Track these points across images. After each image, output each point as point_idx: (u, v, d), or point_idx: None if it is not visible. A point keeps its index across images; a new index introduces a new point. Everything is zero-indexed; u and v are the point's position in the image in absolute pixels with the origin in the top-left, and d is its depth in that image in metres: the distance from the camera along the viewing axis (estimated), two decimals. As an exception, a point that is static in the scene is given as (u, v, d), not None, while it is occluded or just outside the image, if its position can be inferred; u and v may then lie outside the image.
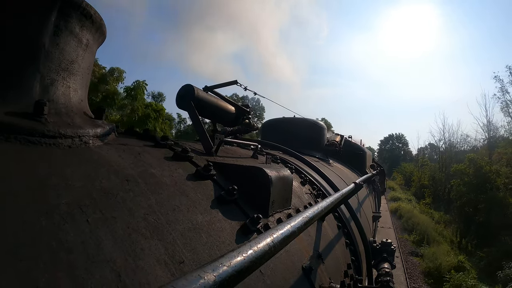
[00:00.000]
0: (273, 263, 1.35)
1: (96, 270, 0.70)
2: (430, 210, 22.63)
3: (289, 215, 1.79)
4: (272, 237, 0.87)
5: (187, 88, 2.11)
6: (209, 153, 1.93)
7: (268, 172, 1.57)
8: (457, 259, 13.44)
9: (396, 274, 11.14)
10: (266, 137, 6.44)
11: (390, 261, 3.21)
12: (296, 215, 1.19)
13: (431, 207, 23.89)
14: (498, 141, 25.14)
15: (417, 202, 26.89)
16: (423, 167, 36.60)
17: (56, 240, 0.69)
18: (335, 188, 3.38)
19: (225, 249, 1.16)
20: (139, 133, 1.69)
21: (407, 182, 43.85)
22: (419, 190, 33.70)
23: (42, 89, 1.11)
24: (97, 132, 1.22)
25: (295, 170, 3.06)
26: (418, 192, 33.58)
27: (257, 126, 3.28)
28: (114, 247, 0.79)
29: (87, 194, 0.88)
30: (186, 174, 1.41)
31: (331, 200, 1.86)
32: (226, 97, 2.72)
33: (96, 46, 1.43)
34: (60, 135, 1.04)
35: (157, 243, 0.92)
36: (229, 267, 0.62)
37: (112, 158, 1.15)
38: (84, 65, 1.31)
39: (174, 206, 1.13)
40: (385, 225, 19.31)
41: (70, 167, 0.94)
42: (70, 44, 1.21)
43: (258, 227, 1.39)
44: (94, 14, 1.28)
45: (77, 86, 1.28)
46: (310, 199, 2.63)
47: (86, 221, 0.79)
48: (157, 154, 1.45)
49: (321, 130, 6.91)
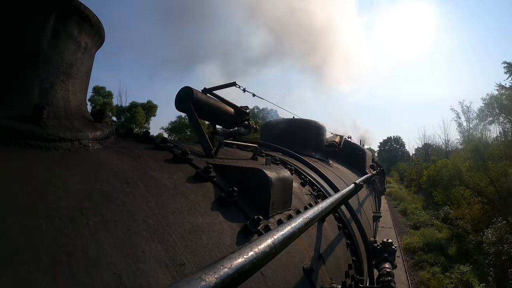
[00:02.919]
0: (274, 265, 1.35)
1: (96, 273, 0.70)
2: (412, 194, 37.09)
3: (289, 216, 1.79)
4: (273, 238, 0.86)
5: (186, 90, 2.12)
6: (209, 155, 1.93)
7: (268, 173, 1.57)
8: (415, 205, 28.66)
9: (397, 274, 11.14)
10: (266, 138, 6.44)
11: (391, 261, 3.21)
12: (297, 216, 1.19)
13: (414, 192, 37.60)
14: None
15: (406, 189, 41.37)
16: (416, 166, 47.10)
17: (57, 244, 0.69)
18: (335, 189, 3.38)
19: (225, 251, 1.16)
20: (138, 136, 1.69)
21: (401, 178, 56.79)
22: (409, 183, 45.68)
23: (41, 93, 1.11)
24: (96, 135, 1.22)
25: (295, 171, 3.06)
26: (409, 185, 45.48)
27: (257, 127, 3.28)
28: (115, 250, 0.79)
29: (87, 197, 0.88)
30: (186, 176, 1.41)
31: (331, 200, 1.86)
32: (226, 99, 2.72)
33: (95, 49, 1.43)
34: (60, 139, 1.03)
35: (157, 245, 0.91)
36: (230, 269, 0.62)
37: (111, 161, 1.15)
38: (83, 68, 1.32)
39: (174, 209, 1.13)
40: (386, 225, 19.40)
41: (69, 171, 0.94)
42: (69, 47, 1.21)
43: (258, 229, 1.39)
44: (92, 17, 1.28)
45: (76, 90, 1.28)
46: (310, 200, 2.63)
47: (86, 224, 0.79)
48: (157, 157, 1.45)
49: (320, 130, 6.91)
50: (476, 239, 16.53)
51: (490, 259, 13.68)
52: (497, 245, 14.08)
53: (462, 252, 15.83)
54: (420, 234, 18.13)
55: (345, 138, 9.58)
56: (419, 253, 15.54)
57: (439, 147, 48.04)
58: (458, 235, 17.90)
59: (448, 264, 14.37)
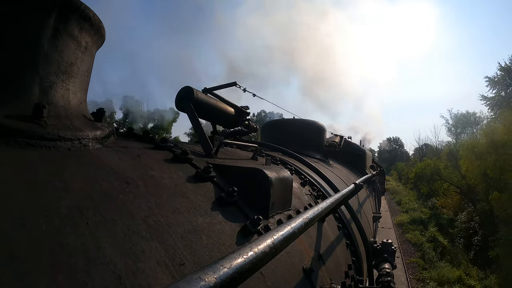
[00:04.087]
0: (274, 265, 1.34)
1: (96, 272, 0.70)
2: (408, 190, 41.42)
3: (289, 216, 1.79)
4: (273, 238, 0.86)
5: (186, 90, 2.11)
6: (209, 155, 1.93)
7: (268, 173, 1.57)
8: (408, 198, 32.68)
9: (397, 275, 11.16)
10: (266, 138, 6.44)
11: (390, 262, 3.21)
12: (297, 216, 1.19)
13: (410, 189, 41.52)
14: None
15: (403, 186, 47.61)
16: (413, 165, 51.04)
17: (56, 243, 0.69)
18: (335, 189, 3.38)
19: (225, 250, 1.15)
20: (138, 136, 1.69)
21: (399, 177, 61.79)
22: (406, 181, 50.02)
23: (41, 92, 1.11)
24: (96, 135, 1.22)
25: (295, 171, 3.06)
26: (406, 182, 50.11)
27: (257, 127, 3.28)
28: (115, 250, 0.78)
29: (87, 196, 0.88)
30: (186, 176, 1.41)
31: (331, 201, 1.86)
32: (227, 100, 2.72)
33: (95, 49, 1.43)
34: (60, 138, 1.03)
35: (157, 245, 0.91)
36: (229, 269, 0.62)
37: (111, 161, 1.15)
38: (83, 67, 1.31)
39: (174, 208, 1.13)
40: (386, 225, 19.66)
41: (69, 170, 0.94)
42: (69, 46, 1.21)
43: (258, 229, 1.39)
44: (93, 16, 1.28)
45: (76, 89, 1.28)
46: (310, 200, 2.63)
47: (86, 224, 0.79)
48: (157, 156, 1.45)
49: (320, 131, 6.90)
50: (448, 217, 23.27)
51: (462, 233, 19.70)
52: (467, 223, 20.20)
53: (438, 225, 21.27)
54: (408, 215, 24.05)
55: (345, 138, 9.58)
56: (406, 225, 21.71)
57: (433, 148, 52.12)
58: (436, 214, 24.13)
59: (425, 231, 19.83)
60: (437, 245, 16.91)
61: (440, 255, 15.61)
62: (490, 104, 30.92)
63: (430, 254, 15.35)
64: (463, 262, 14.80)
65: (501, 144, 16.68)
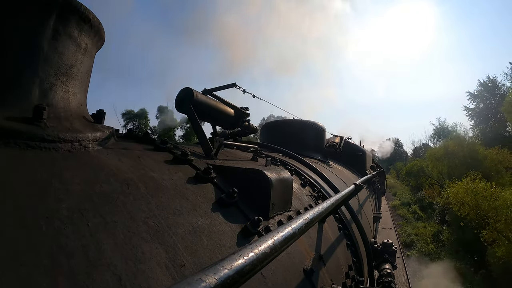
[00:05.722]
0: (274, 266, 1.34)
1: (97, 274, 0.70)
2: (404, 186, 47.16)
3: (289, 217, 1.79)
4: (273, 239, 0.86)
5: (186, 91, 2.11)
6: (209, 156, 1.93)
7: (268, 174, 1.57)
8: (402, 191, 41.03)
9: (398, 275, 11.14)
10: (266, 139, 6.44)
11: (391, 262, 3.20)
12: (297, 217, 1.19)
13: (406, 185, 46.75)
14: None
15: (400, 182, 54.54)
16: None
17: (57, 245, 0.69)
18: (335, 190, 3.38)
19: (226, 252, 1.15)
20: (138, 137, 1.69)
21: (397, 175, 68.04)
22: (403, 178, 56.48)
23: (41, 94, 1.11)
24: (96, 136, 1.22)
25: (295, 172, 3.06)
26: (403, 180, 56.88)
27: (257, 128, 3.28)
28: (115, 251, 0.78)
29: (87, 198, 0.87)
30: (186, 177, 1.41)
31: (332, 201, 1.86)
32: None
33: (95, 50, 1.44)
34: (60, 140, 1.03)
35: (157, 246, 0.91)
36: (230, 270, 0.62)
37: (112, 162, 1.15)
38: (83, 69, 1.32)
39: (175, 210, 1.13)
40: (386, 226, 19.61)
41: (69, 172, 0.94)
42: (69, 48, 1.21)
43: (259, 230, 1.39)
44: (92, 18, 1.29)
45: (76, 91, 1.28)
46: (311, 201, 2.62)
47: (86, 225, 0.79)
48: (157, 158, 1.45)
49: (320, 131, 6.91)
50: (428, 201, 30.26)
51: (439, 213, 25.66)
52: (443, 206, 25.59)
53: (420, 207, 29.09)
54: (400, 201, 33.30)
55: (345, 139, 9.58)
56: (398, 206, 30.09)
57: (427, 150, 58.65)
58: (420, 199, 32.01)
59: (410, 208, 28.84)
60: (416, 216, 26.50)
61: (416, 220, 25.11)
62: (470, 114, 41.39)
63: (410, 219, 25.14)
64: (430, 222, 24.09)
65: (452, 152, 27.49)
